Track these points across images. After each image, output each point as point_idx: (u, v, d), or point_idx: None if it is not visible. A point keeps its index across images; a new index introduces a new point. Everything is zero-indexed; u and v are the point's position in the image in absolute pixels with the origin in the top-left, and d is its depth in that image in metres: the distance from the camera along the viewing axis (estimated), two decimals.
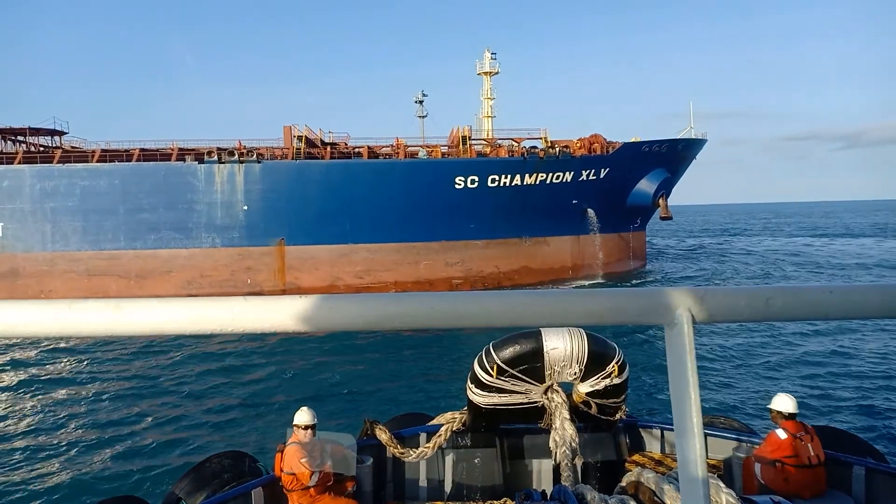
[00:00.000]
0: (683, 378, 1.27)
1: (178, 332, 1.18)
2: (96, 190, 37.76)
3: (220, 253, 38.87)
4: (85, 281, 37.61)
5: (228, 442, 14.71)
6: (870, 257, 56.40)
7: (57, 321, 1.14)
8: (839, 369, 19.40)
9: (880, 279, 35.92)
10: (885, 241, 75.69)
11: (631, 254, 49.13)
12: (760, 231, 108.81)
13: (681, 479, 1.30)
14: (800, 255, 60.22)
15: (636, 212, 47.43)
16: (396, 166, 41.05)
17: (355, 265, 40.18)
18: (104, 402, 18.69)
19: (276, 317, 1.18)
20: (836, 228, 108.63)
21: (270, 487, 6.71)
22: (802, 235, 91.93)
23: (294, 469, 6.46)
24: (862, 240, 78.45)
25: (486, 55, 51.64)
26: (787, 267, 51.36)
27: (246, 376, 20.74)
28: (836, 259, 55.87)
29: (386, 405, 16.59)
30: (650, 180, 45.24)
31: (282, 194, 39.09)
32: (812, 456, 6.48)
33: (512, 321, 1.26)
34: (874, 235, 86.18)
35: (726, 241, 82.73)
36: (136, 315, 1.16)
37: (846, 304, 1.31)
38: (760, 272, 48.70)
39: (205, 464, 7.48)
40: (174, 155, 40.26)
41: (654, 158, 44.75)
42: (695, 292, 1.29)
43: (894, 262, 51.90)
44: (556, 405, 6.44)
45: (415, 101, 61.25)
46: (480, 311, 1.25)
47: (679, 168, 47.89)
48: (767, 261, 56.14)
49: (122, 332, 1.17)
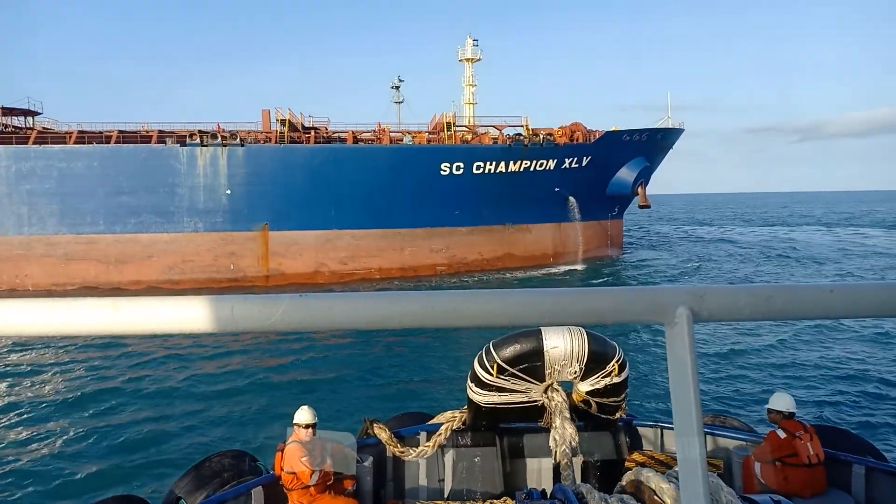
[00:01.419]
0: (683, 377, 1.28)
1: (178, 331, 1.18)
2: (74, 172, 36.77)
3: (203, 238, 38.29)
4: (62, 266, 36.69)
5: (228, 441, 14.62)
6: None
7: (56, 320, 1.14)
8: (839, 368, 19.40)
9: (881, 277, 36.72)
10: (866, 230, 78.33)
11: (609, 241, 49.97)
12: (730, 220, 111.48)
13: (681, 477, 1.30)
14: (772, 245, 62.09)
15: (615, 200, 48.18)
16: (382, 152, 40.89)
17: (340, 251, 40.01)
18: (103, 401, 18.41)
19: (276, 316, 1.18)
20: (796, 219, 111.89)
21: (270, 487, 6.69)
22: (768, 225, 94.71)
23: (294, 468, 6.47)
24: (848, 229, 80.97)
25: (468, 42, 51.55)
26: (761, 255, 52.89)
27: (245, 375, 20.51)
28: (807, 249, 57.72)
29: (385, 404, 16.56)
30: (630, 169, 45.98)
31: (266, 178, 38.64)
32: (812, 455, 6.51)
33: (512, 320, 1.26)
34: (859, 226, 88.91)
35: (693, 230, 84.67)
36: (135, 314, 1.16)
37: (847, 302, 1.31)
38: (741, 259, 50.03)
39: (205, 463, 7.44)
40: (154, 137, 39.40)
41: (633, 147, 45.46)
42: (695, 291, 1.29)
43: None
44: (557, 404, 6.44)
45: (391, 86, 60.87)
46: (481, 311, 1.25)
47: (657, 157, 48.77)
48: (742, 248, 57.79)
49: (122, 331, 1.16)
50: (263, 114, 44.73)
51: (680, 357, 1.27)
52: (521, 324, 1.27)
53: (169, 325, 1.17)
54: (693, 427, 1.25)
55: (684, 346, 1.27)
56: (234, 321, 1.17)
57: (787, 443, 6.56)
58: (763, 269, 44.31)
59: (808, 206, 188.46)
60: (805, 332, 23.62)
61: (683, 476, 1.28)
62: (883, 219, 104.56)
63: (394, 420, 8.70)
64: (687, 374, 1.27)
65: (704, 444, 1.28)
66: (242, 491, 6.47)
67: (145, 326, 1.16)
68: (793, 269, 44.26)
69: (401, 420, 8.74)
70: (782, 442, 6.58)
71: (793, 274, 42.08)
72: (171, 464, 13.41)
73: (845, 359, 20.42)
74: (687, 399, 1.27)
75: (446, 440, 7.17)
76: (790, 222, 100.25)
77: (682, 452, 1.27)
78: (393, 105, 60.64)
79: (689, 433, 1.26)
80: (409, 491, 7.41)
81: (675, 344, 1.28)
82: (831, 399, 16.77)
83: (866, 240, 65.00)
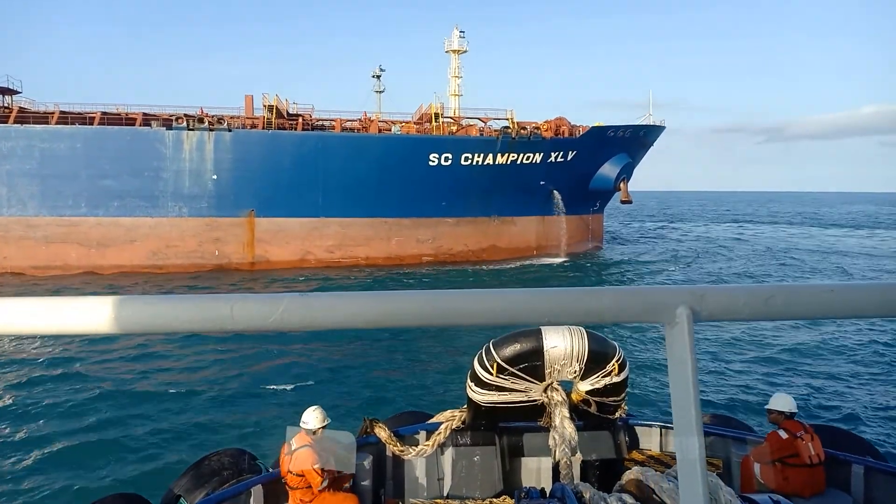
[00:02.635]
0: (683, 377, 1.28)
1: (178, 330, 1.18)
2: (56, 153, 35.98)
3: (188, 223, 37.86)
4: (42, 248, 35.94)
5: (227, 439, 14.51)
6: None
7: (54, 319, 1.13)
8: (838, 368, 19.39)
9: (880, 277, 37.44)
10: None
11: (590, 235, 50.68)
12: (698, 216, 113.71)
13: (680, 477, 1.30)
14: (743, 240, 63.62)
15: (597, 195, 48.81)
16: (371, 140, 40.82)
17: (326, 239, 39.90)
18: (102, 399, 18.14)
19: (276, 315, 1.17)
20: (763, 217, 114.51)
21: (270, 485, 6.66)
22: (738, 221, 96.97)
23: (305, 472, 6.46)
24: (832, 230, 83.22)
25: (455, 33, 51.68)
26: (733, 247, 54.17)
27: (244, 374, 20.26)
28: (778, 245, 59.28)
29: (385, 403, 16.54)
30: (613, 164, 46.62)
31: (253, 164, 38.31)
32: (813, 455, 6.52)
33: (512, 319, 1.26)
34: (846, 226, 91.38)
35: (667, 226, 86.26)
36: (135, 313, 1.15)
37: (847, 302, 1.31)
38: (721, 254, 51.18)
39: (204, 461, 7.41)
40: (139, 120, 38.74)
41: (617, 143, 46.08)
42: (695, 291, 1.30)
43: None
44: (556, 403, 6.43)
45: (372, 75, 60.43)
46: (481, 310, 1.25)
47: (639, 154, 49.52)
48: (715, 243, 59.13)
49: (122, 329, 1.16)
50: (247, 99, 44.26)
51: (680, 357, 1.28)
52: (521, 323, 1.28)
53: (168, 324, 1.16)
54: (693, 427, 1.26)
55: (684, 345, 1.27)
56: (233, 320, 1.17)
57: (788, 443, 6.58)
58: (736, 263, 45.46)
59: (781, 205, 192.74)
60: (805, 332, 23.64)
61: (683, 476, 1.29)
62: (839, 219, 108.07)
63: (393, 419, 8.73)
64: (687, 373, 1.27)
65: (704, 443, 1.28)
66: (242, 489, 6.44)
67: (145, 325, 1.16)
68: (777, 268, 45.51)
69: (400, 419, 8.75)
70: (784, 442, 6.60)
71: (785, 273, 43.22)
72: (170, 462, 13.34)
73: (844, 359, 20.42)
74: (686, 399, 1.27)
75: (446, 439, 7.16)
76: (764, 220, 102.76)
77: (682, 452, 1.28)
78: (374, 94, 60.49)
79: (689, 433, 1.26)
80: (409, 490, 7.40)
81: (675, 344, 1.29)
82: (830, 399, 16.77)
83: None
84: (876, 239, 68.82)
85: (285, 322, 1.18)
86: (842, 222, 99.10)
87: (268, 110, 40.59)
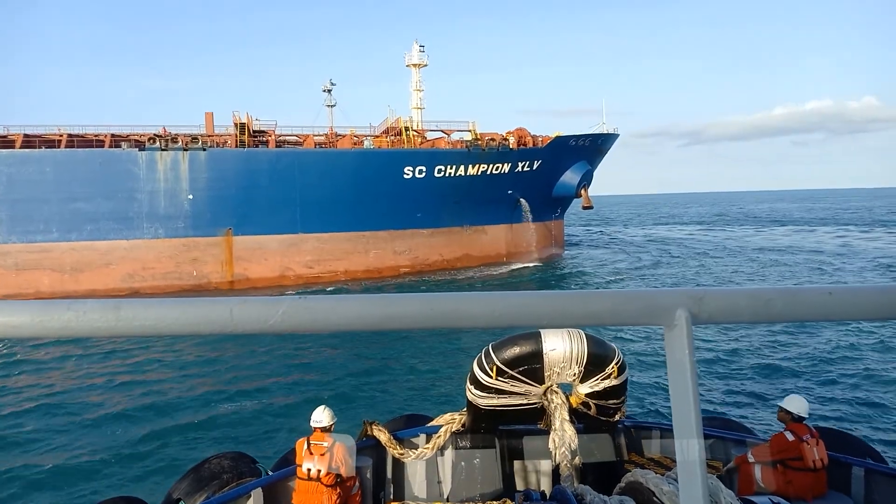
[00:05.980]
0: (683, 379, 1.27)
1: (178, 332, 1.17)
2: (24, 177, 34.87)
3: (164, 244, 37.33)
4: (13, 276, 34.74)
5: (227, 442, 14.65)
6: None
7: (56, 322, 1.13)
8: (838, 370, 19.36)
9: (880, 280, 38.61)
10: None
11: (553, 241, 52.49)
12: (637, 220, 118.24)
13: (680, 479, 1.29)
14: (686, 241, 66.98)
15: (559, 201, 50.68)
16: (347, 155, 41.28)
17: (305, 255, 40.06)
18: (103, 403, 18.07)
19: (276, 317, 1.17)
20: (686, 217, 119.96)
21: (270, 488, 6.67)
22: (673, 223, 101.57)
23: (343, 473, 6.70)
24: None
25: (415, 47, 52.69)
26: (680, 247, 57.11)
27: (245, 377, 20.26)
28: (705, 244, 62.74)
29: (385, 406, 16.76)
30: (574, 172, 48.56)
31: (229, 183, 38.13)
32: (817, 459, 6.51)
33: (511, 322, 1.25)
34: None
35: (612, 231, 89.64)
36: (135, 316, 1.15)
37: (846, 305, 1.31)
38: (671, 253, 53.87)
39: (204, 464, 7.41)
40: (108, 142, 38.01)
41: (577, 152, 48.08)
42: (694, 293, 1.29)
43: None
44: (556, 406, 6.43)
45: (323, 89, 60.46)
46: (480, 312, 1.25)
47: (596, 160, 51.68)
48: (664, 244, 62.16)
49: (122, 332, 1.15)
50: (207, 116, 43.89)
51: (679, 359, 1.27)
52: (520, 325, 1.27)
53: (169, 327, 1.16)
54: (692, 429, 1.25)
55: (683, 348, 1.27)
56: (233, 323, 1.16)
57: (793, 445, 6.59)
58: (692, 262, 48.13)
59: (701, 207, 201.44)
60: (804, 334, 23.67)
61: (682, 478, 1.28)
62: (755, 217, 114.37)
63: (393, 422, 8.78)
64: (686, 376, 1.26)
65: (704, 446, 1.27)
66: (242, 493, 6.43)
67: (145, 328, 1.15)
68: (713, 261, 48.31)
69: (400, 422, 8.82)
70: (789, 444, 6.61)
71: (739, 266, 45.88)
72: (170, 465, 13.43)
73: (843, 361, 20.42)
74: (686, 401, 1.26)
75: (446, 442, 7.17)
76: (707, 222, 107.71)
77: (682, 454, 1.27)
78: (325, 108, 60.42)
79: (689, 435, 1.26)
80: (409, 493, 7.42)
81: (674, 346, 1.28)
82: (830, 401, 16.83)
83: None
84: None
85: (285, 325, 1.18)
86: (747, 222, 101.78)
87: (238, 128, 40.45)
